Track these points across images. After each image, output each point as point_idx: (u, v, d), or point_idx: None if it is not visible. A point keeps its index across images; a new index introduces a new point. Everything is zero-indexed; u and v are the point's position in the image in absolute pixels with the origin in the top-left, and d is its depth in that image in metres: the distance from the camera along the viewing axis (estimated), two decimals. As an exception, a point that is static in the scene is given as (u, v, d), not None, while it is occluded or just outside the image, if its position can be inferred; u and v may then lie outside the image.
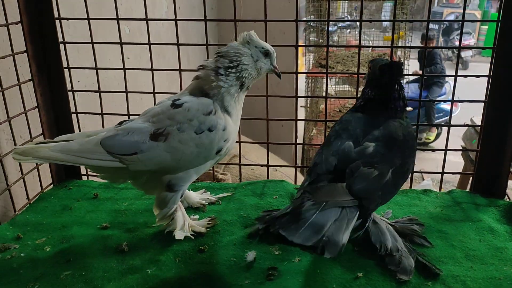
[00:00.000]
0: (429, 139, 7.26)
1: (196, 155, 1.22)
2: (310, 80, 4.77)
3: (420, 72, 6.60)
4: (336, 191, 1.11)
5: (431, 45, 6.83)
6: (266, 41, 1.58)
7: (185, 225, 1.33)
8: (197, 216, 1.44)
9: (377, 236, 1.20)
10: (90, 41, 1.66)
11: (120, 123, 1.29)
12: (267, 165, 1.80)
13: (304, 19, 4.78)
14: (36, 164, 1.64)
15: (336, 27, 8.37)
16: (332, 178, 1.15)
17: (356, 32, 6.53)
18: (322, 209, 1.05)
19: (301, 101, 5.62)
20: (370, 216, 1.23)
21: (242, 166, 1.84)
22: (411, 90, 6.03)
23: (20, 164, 1.58)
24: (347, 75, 4.60)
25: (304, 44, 5.25)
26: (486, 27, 13.08)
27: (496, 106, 1.46)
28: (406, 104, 1.28)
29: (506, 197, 1.53)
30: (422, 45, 6.67)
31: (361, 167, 1.14)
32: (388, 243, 1.18)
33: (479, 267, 1.17)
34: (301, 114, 5.28)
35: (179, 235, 1.30)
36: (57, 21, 1.60)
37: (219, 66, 1.25)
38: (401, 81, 1.29)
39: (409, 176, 1.26)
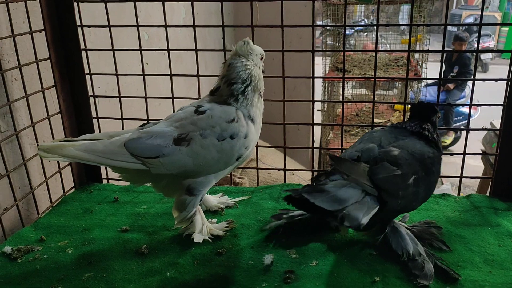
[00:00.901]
0: (445, 142, 7.16)
1: (217, 161, 1.24)
2: (327, 84, 4.76)
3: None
4: (358, 170, 1.12)
5: (463, 48, 6.75)
6: (283, 47, 1.61)
7: (203, 228, 1.35)
8: (215, 220, 1.46)
9: (397, 242, 1.20)
10: (110, 47, 1.69)
11: (143, 125, 1.32)
12: (284, 169, 1.81)
13: (321, 23, 4.78)
14: (59, 167, 1.68)
15: (353, 31, 8.34)
16: None
17: (374, 35, 6.50)
18: (344, 186, 1.08)
19: (317, 105, 5.61)
20: (390, 222, 1.23)
21: (259, 170, 1.85)
22: (429, 93, 5.96)
23: (43, 167, 1.62)
24: (364, 79, 4.58)
25: (320, 49, 5.25)
26: (507, 28, 12.86)
27: (516, 110, 1.45)
28: (435, 138, 1.28)
29: (526, 201, 1.51)
30: (449, 48, 6.61)
31: (385, 162, 1.15)
32: (410, 248, 1.18)
33: (498, 272, 1.16)
34: (318, 118, 5.27)
35: (197, 238, 1.32)
36: (79, 29, 1.64)
37: (235, 93, 1.27)
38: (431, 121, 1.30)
39: (427, 197, 1.26)
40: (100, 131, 1.79)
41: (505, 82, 1.46)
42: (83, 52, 1.67)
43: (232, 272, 1.19)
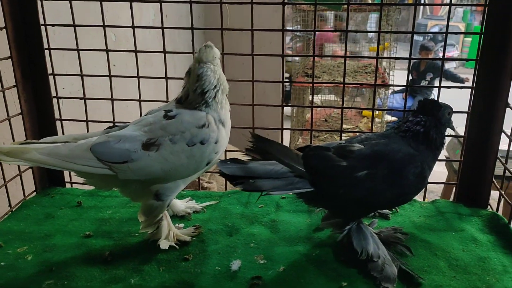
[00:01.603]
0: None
1: (186, 166, 1.22)
2: (296, 90, 4.80)
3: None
4: (286, 152, 1.16)
5: (430, 56, 6.91)
6: (253, 50, 1.60)
7: (169, 234, 1.32)
8: (182, 225, 1.43)
9: (359, 241, 1.21)
10: (75, 47, 1.65)
11: (109, 128, 1.28)
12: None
13: (291, 28, 4.81)
14: (19, 170, 1.61)
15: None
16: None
17: (343, 42, 6.58)
18: (265, 165, 1.14)
19: (287, 110, 5.64)
20: (354, 221, 1.24)
21: (228, 174, 1.83)
22: (395, 100, 6.10)
23: (2, 171, 1.55)
24: (333, 85, 4.63)
25: (290, 54, 5.29)
26: (470, 39, 13.31)
27: (479, 117, 1.48)
28: (433, 143, 1.23)
29: (489, 206, 1.55)
30: (415, 57, 6.77)
31: (329, 152, 1.17)
32: (370, 248, 1.20)
33: (462, 277, 1.18)
34: (287, 123, 5.30)
35: (163, 244, 1.29)
36: (43, 27, 1.59)
37: (207, 100, 1.26)
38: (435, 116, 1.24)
39: (402, 198, 1.25)
40: (63, 134, 1.73)
41: (469, 90, 1.50)
42: (47, 52, 1.62)
43: (199, 279, 1.17)
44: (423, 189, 1.60)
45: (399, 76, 4.97)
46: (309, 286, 1.14)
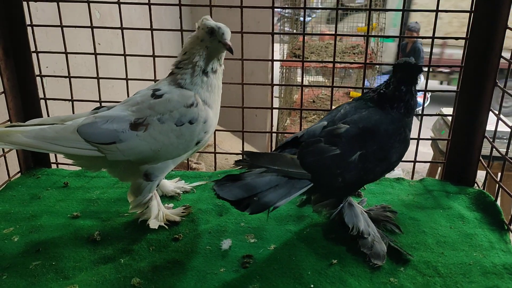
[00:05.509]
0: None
1: (175, 146, 1.21)
2: (284, 70, 4.78)
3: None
4: (281, 160, 1.14)
5: (415, 39, 6.87)
6: (242, 28, 1.57)
7: (159, 214, 1.31)
8: (171, 205, 1.42)
9: (350, 217, 1.22)
10: (59, 24, 1.60)
11: (96, 109, 1.26)
12: (242, 153, 1.78)
13: (280, 6, 4.77)
14: (3, 151, 1.58)
15: (310, 18, 8.38)
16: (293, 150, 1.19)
17: (329, 24, 6.57)
18: (262, 174, 1.10)
19: (275, 92, 5.61)
20: (346, 198, 1.24)
21: (216, 155, 1.82)
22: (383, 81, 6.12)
23: (-15, 151, 1.52)
24: (321, 65, 4.62)
25: (279, 32, 5.25)
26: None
27: (468, 96, 1.49)
28: (409, 108, 1.22)
29: (475, 185, 1.57)
30: (400, 36, 6.74)
31: (321, 143, 1.15)
32: (361, 225, 1.20)
33: (449, 253, 1.19)
34: (275, 104, 5.29)
35: (153, 224, 1.28)
36: (25, 4, 1.54)
37: (179, 60, 1.25)
38: (412, 86, 1.23)
39: (391, 167, 1.24)
40: (48, 113, 1.70)
41: (458, 68, 1.49)
42: (29, 29, 1.57)
43: (189, 258, 1.17)
44: (412, 169, 1.62)
45: (386, 57, 4.97)
46: (300, 264, 1.14)
